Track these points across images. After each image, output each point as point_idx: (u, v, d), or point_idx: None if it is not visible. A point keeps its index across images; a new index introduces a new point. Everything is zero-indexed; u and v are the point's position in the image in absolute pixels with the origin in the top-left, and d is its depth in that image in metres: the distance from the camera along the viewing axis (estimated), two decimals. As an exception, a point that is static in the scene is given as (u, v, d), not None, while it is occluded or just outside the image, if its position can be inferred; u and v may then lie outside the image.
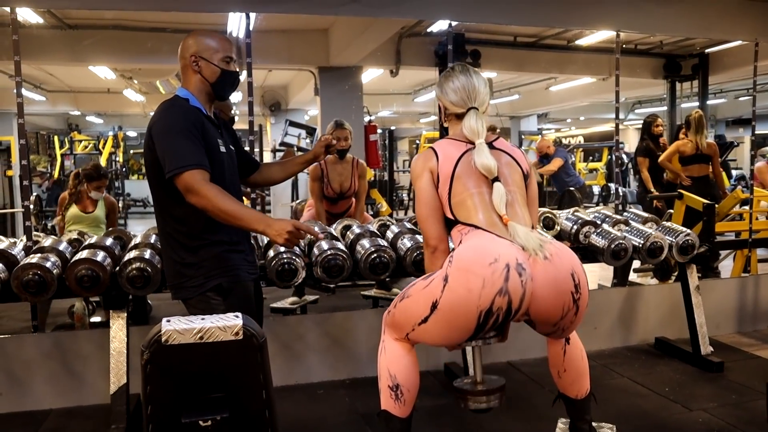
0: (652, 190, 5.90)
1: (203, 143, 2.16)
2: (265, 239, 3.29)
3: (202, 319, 1.50)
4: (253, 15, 3.71)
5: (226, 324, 1.50)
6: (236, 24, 4.99)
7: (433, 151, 2.28)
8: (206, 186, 2.06)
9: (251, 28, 3.67)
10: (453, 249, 2.19)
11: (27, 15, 5.52)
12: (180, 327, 1.48)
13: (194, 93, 2.28)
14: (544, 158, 8.16)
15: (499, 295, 1.97)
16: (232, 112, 3.61)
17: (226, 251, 2.25)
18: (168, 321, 1.49)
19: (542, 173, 7.92)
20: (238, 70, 2.35)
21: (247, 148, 3.18)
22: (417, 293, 2.17)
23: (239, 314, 1.55)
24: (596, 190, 13.37)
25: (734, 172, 12.50)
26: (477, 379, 2.26)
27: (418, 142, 13.38)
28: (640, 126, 6.78)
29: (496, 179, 2.18)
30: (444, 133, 2.44)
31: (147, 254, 2.87)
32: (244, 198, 4.52)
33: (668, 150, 5.70)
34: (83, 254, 2.88)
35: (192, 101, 2.25)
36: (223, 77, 2.29)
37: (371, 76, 8.95)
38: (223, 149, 2.29)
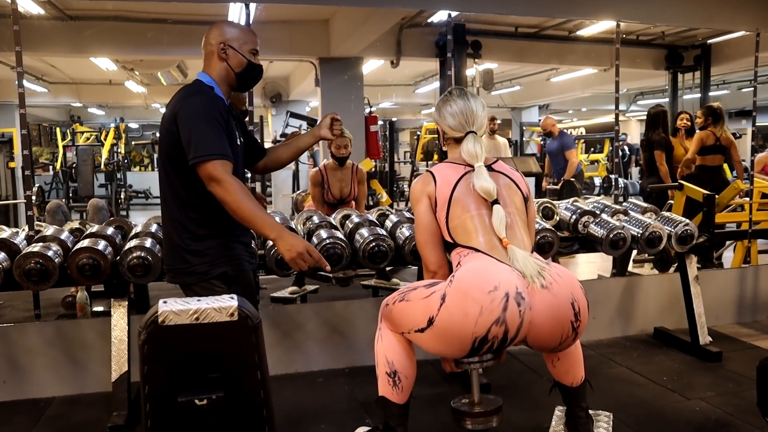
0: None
1: (226, 134, 2.16)
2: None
3: (198, 300, 1.52)
4: (253, 5, 3.71)
5: (222, 305, 1.52)
6: (236, 14, 4.99)
7: (432, 175, 2.29)
8: (230, 178, 2.05)
9: (251, 18, 3.67)
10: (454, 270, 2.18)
11: (28, 6, 5.53)
12: (176, 308, 1.50)
13: (217, 81, 2.26)
14: (548, 136, 8.08)
15: (495, 324, 1.96)
16: (245, 106, 3.60)
17: (231, 241, 2.27)
18: (165, 302, 1.51)
19: (566, 179, 7.70)
20: (261, 64, 2.34)
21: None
22: (416, 301, 2.16)
23: (234, 296, 1.57)
24: (597, 181, 13.36)
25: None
26: (475, 400, 2.27)
27: (419, 133, 13.37)
28: (644, 117, 6.75)
29: (496, 201, 2.18)
30: (443, 156, 2.45)
31: (148, 243, 2.89)
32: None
33: (694, 144, 5.66)
34: (84, 243, 2.90)
35: (216, 90, 2.25)
36: (249, 68, 2.28)
37: (372, 67, 8.95)
38: (238, 143, 2.30)
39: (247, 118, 3.54)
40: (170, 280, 2.31)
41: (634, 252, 4.75)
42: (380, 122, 10.06)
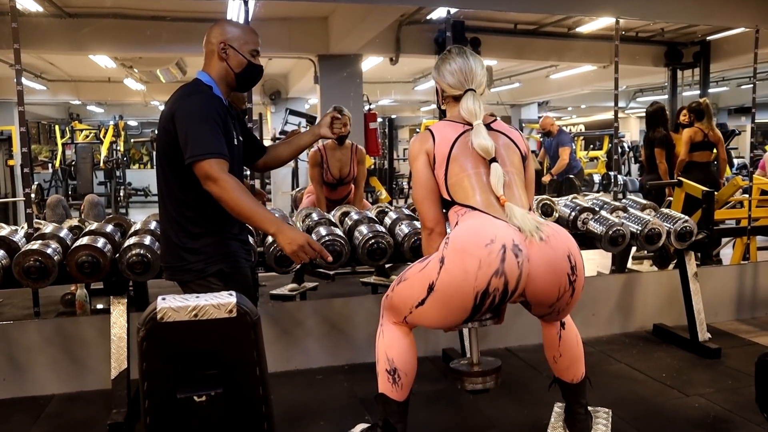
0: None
1: (223, 133, 2.16)
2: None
3: (197, 297, 1.52)
4: (251, 2, 3.71)
5: (220, 302, 1.52)
6: (235, 12, 4.98)
7: (430, 132, 2.28)
8: (226, 176, 2.05)
9: (250, 15, 3.66)
10: (450, 230, 2.20)
11: (26, 3, 5.53)
12: (175, 305, 1.50)
13: (216, 80, 2.26)
14: (547, 136, 8.09)
15: (495, 276, 1.98)
16: (245, 105, 3.59)
17: (228, 238, 2.27)
18: (163, 299, 1.51)
19: (556, 173, 7.73)
20: (262, 65, 2.35)
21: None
22: (414, 276, 2.18)
23: (233, 292, 1.57)
24: (597, 178, 13.36)
25: (736, 161, 12.48)
26: (473, 361, 2.28)
27: (418, 130, 13.37)
28: (644, 114, 6.74)
29: (494, 160, 2.19)
30: (442, 115, 2.45)
31: (147, 241, 2.89)
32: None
33: (683, 143, 5.65)
34: (84, 241, 2.90)
35: (215, 90, 2.24)
36: (248, 69, 2.28)
37: (371, 64, 8.93)
38: (236, 142, 2.30)
39: (246, 117, 3.54)
40: (168, 278, 2.32)
41: (633, 249, 4.75)
42: (379, 119, 10.05)
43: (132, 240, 2.91)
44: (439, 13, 6.10)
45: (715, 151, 5.66)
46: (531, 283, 2.05)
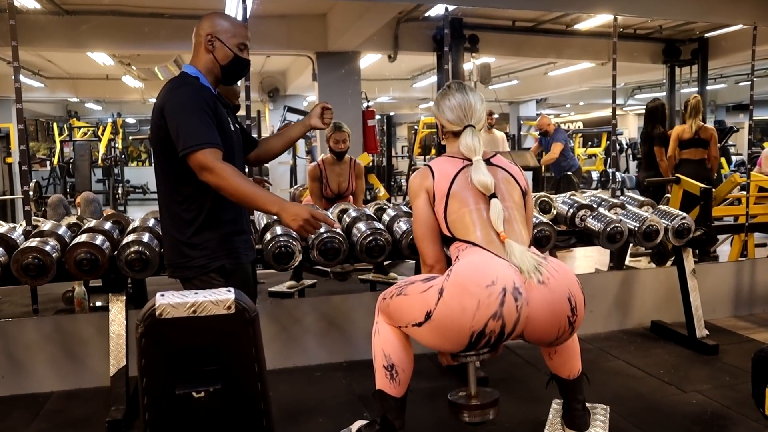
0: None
1: (215, 121, 2.16)
2: (262, 222, 3.31)
3: (195, 293, 1.53)
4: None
5: (219, 298, 1.52)
6: (233, 9, 4.98)
7: (430, 169, 2.29)
8: (221, 164, 2.05)
9: (248, 12, 3.66)
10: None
11: (24, 0, 5.51)
12: (173, 301, 1.50)
13: (203, 72, 2.27)
14: (544, 136, 8.12)
15: (492, 319, 1.97)
16: (239, 100, 3.60)
17: (230, 233, 2.27)
18: (162, 295, 1.52)
19: (544, 164, 7.81)
20: (249, 59, 2.35)
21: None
22: (414, 295, 2.16)
23: (231, 289, 1.58)
24: (595, 175, 13.36)
25: (734, 158, 12.49)
26: (471, 393, 2.27)
27: (416, 127, 13.36)
28: (643, 111, 6.74)
29: (494, 195, 2.19)
30: (442, 150, 2.46)
31: (145, 238, 2.89)
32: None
33: (672, 140, 5.66)
34: (82, 238, 2.90)
35: (202, 80, 2.25)
36: (234, 62, 2.29)
37: (369, 61, 8.92)
38: (232, 128, 2.30)
39: (239, 112, 3.54)
40: (171, 275, 2.32)
41: (631, 246, 4.76)
42: (378, 117, 10.04)
43: (130, 237, 2.91)
44: (438, 10, 6.09)
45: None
46: (530, 325, 2.03)
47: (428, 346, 2.23)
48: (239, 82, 3.18)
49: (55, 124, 14.08)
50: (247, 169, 3.38)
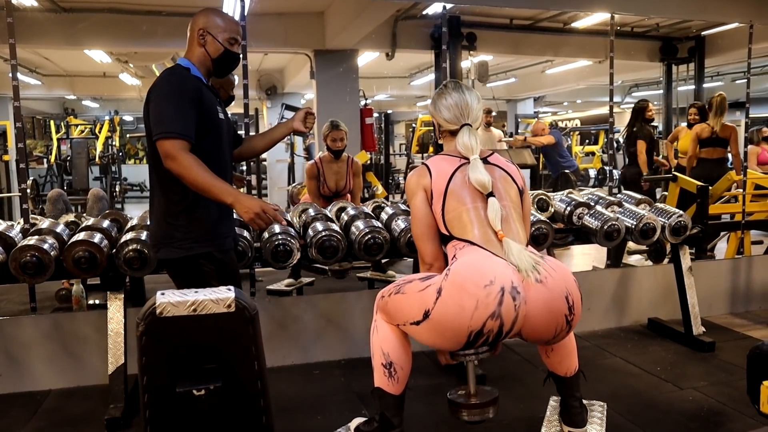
0: (645, 172, 5.92)
1: (199, 111, 2.24)
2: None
3: (196, 292, 1.53)
4: (247, -3, 3.70)
5: (219, 297, 1.53)
6: (231, 6, 4.98)
7: (427, 168, 2.30)
8: (184, 155, 2.14)
9: (246, 11, 3.66)
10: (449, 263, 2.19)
11: (21, -2, 5.50)
12: (174, 300, 1.51)
13: (195, 64, 2.37)
14: None
15: (491, 318, 1.97)
16: (233, 91, 3.62)
17: (217, 219, 2.35)
18: (162, 294, 1.52)
19: (531, 143, 7.78)
20: (240, 53, 2.45)
21: (242, 132, 3.22)
22: (412, 294, 2.17)
23: (231, 287, 1.58)
24: (592, 173, 13.38)
25: (730, 156, 12.49)
26: (471, 392, 2.27)
27: (414, 125, 13.36)
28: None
29: (491, 194, 2.19)
30: (439, 149, 2.47)
31: (144, 236, 2.89)
32: (239, 183, 4.55)
33: (691, 139, 5.66)
34: (80, 236, 2.90)
35: (193, 70, 2.34)
36: (224, 56, 2.39)
37: (367, 59, 8.93)
38: (221, 116, 2.40)
39: (235, 106, 3.56)
40: (157, 256, 2.39)
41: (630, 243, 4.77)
42: (375, 114, 10.04)
43: (129, 235, 2.91)
44: (435, 8, 6.10)
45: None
46: (528, 323, 2.04)
47: (426, 345, 2.24)
48: (235, 75, 3.24)
49: (52, 122, 14.04)
50: (244, 167, 3.39)
